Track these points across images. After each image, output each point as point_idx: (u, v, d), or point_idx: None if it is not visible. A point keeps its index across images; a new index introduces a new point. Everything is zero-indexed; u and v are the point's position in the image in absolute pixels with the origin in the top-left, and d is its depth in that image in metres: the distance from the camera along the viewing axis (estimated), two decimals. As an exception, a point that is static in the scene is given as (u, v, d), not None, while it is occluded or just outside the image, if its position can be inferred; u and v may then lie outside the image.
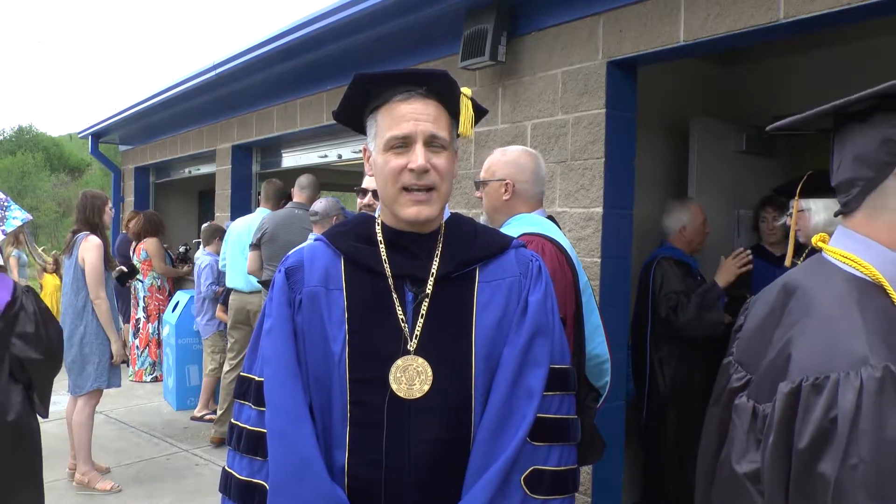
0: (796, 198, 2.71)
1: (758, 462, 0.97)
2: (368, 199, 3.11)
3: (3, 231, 2.60)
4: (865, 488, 0.83)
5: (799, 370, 0.93)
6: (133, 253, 7.20)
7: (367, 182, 3.14)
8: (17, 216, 2.70)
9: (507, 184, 2.31)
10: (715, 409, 1.18)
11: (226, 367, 5.30)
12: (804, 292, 1.02)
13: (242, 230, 5.14)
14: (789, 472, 0.92)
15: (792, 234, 2.74)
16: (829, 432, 0.87)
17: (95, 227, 4.31)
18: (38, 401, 2.62)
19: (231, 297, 5.23)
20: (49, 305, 8.27)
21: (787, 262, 2.65)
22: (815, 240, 1.11)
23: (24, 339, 2.48)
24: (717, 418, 1.15)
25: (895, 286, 0.99)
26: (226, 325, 5.40)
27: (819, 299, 0.99)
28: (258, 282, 4.87)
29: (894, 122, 1.00)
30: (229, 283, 5.22)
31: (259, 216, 5.15)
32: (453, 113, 1.40)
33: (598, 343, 2.28)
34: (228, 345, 5.33)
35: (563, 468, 1.37)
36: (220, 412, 5.22)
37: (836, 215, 1.10)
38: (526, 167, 2.35)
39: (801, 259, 2.78)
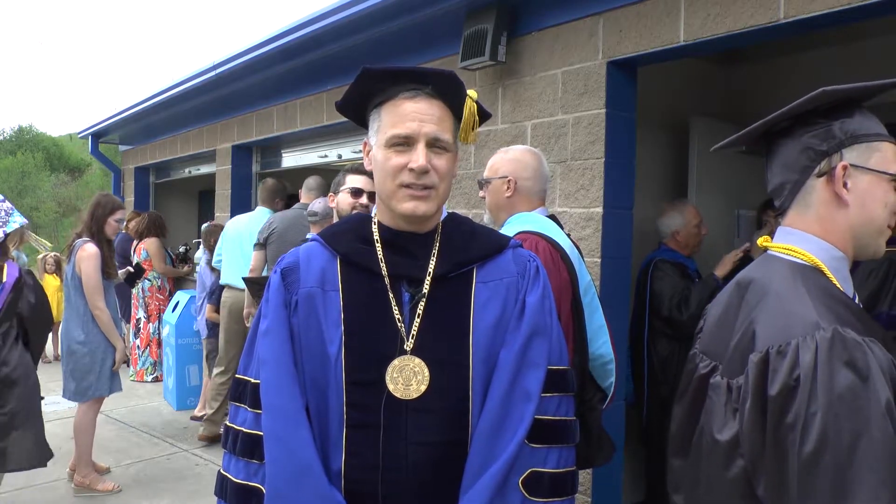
0: None
1: (736, 428, 1.11)
2: (363, 199, 3.10)
3: (4, 232, 3.48)
4: (821, 433, 0.99)
5: (764, 342, 1.09)
6: (133, 252, 7.20)
7: (364, 182, 3.12)
8: (17, 220, 3.60)
9: (509, 181, 2.33)
10: (685, 398, 1.30)
11: (217, 368, 5.26)
12: (757, 282, 1.20)
13: (242, 227, 5.11)
14: (765, 431, 1.06)
15: None
16: (794, 388, 1.03)
17: (94, 235, 4.28)
18: (33, 352, 3.47)
19: (226, 294, 5.17)
20: (56, 303, 8.22)
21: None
22: (760, 241, 1.29)
23: (28, 306, 3.41)
24: (688, 405, 1.28)
25: (830, 268, 1.19)
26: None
27: (771, 284, 1.17)
28: (243, 278, 4.85)
29: (811, 133, 1.21)
30: (226, 280, 5.17)
31: (260, 215, 5.14)
32: (458, 114, 1.39)
33: (601, 343, 2.28)
34: (221, 344, 5.29)
35: (561, 470, 1.36)
36: (211, 412, 5.20)
37: (775, 217, 1.29)
38: (528, 165, 2.36)
39: None
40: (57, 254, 8.75)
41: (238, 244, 5.09)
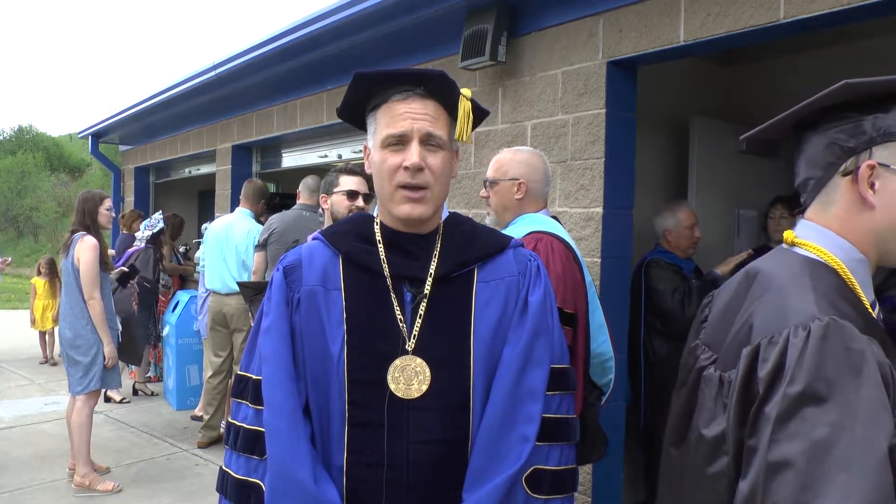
0: None
1: (724, 425, 1.05)
2: (360, 201, 3.11)
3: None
4: (797, 421, 0.92)
5: (758, 334, 1.04)
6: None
7: (358, 184, 3.13)
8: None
9: (520, 183, 2.35)
10: (682, 391, 1.23)
11: (209, 371, 5.27)
12: (765, 274, 1.14)
13: (220, 231, 5.13)
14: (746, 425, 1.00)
15: None
16: (779, 371, 0.97)
17: (90, 228, 4.30)
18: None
19: (210, 299, 5.23)
20: (41, 309, 8.25)
21: None
22: (785, 235, 1.23)
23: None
24: (686, 397, 1.21)
25: (849, 270, 1.10)
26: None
27: (778, 277, 1.11)
28: (238, 283, 4.88)
29: (838, 128, 1.12)
30: (207, 285, 5.22)
31: (238, 217, 5.17)
32: (453, 113, 1.40)
33: (601, 341, 2.31)
34: (209, 348, 5.32)
35: (562, 468, 1.37)
36: (207, 417, 5.21)
37: (798, 212, 1.22)
38: (538, 168, 2.40)
39: None
40: (51, 256, 8.74)
41: (218, 248, 5.10)
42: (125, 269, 5.45)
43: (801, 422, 0.91)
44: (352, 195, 3.09)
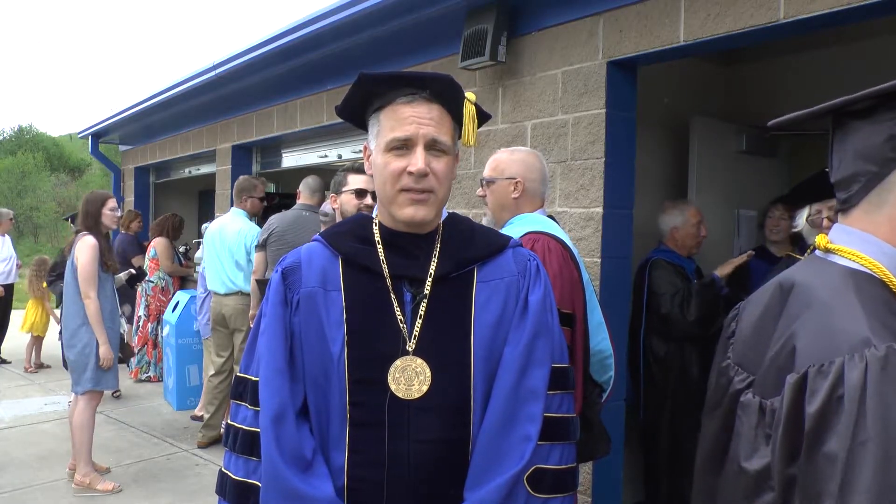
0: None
1: (768, 457, 0.97)
2: (368, 199, 3.11)
3: None
4: (874, 464, 0.84)
5: (804, 360, 0.94)
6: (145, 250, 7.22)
7: (367, 183, 3.13)
8: None
9: (516, 182, 2.36)
10: (716, 413, 1.16)
11: (210, 370, 5.29)
12: (802, 287, 1.03)
13: (215, 232, 5.14)
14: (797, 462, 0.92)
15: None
16: (835, 411, 0.88)
17: (92, 229, 4.30)
18: None
19: (210, 300, 5.26)
20: (30, 321, 8.24)
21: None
22: (817, 240, 1.12)
23: None
24: (720, 422, 1.13)
25: None
26: None
27: (818, 291, 1.00)
28: (256, 280, 4.88)
29: None
30: (209, 286, 5.24)
31: (230, 217, 5.18)
32: (456, 117, 1.40)
33: (601, 339, 2.32)
34: (211, 348, 5.35)
35: (563, 467, 1.37)
36: (208, 416, 5.22)
37: (836, 212, 1.11)
38: (534, 167, 2.41)
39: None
40: (46, 257, 8.74)
41: (213, 250, 5.11)
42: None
43: (877, 471, 0.83)
44: (360, 193, 3.11)
